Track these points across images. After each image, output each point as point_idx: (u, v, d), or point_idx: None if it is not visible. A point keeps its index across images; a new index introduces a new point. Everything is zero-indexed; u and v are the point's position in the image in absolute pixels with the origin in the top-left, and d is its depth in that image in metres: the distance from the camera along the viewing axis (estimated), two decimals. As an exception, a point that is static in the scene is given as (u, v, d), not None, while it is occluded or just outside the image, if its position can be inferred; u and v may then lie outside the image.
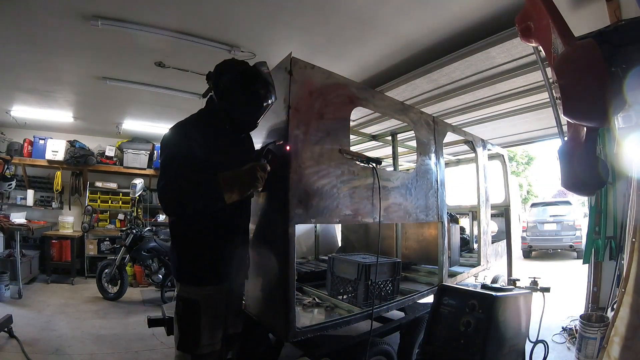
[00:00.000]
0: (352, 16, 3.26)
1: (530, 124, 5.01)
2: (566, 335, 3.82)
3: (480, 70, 3.77)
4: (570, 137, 2.14)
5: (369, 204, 2.21)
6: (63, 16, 3.20)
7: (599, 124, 1.85)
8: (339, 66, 3.78)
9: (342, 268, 2.73)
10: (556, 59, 1.86)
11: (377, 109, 2.63)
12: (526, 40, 2.42)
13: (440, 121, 3.14)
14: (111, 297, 5.58)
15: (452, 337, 2.17)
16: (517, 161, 20.00)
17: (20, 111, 6.03)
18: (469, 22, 3.25)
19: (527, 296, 2.47)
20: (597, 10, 2.69)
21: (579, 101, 1.70)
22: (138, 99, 5.35)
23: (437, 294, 2.47)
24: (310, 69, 1.98)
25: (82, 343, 3.74)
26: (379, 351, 2.61)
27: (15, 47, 3.78)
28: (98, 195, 7.50)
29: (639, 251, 2.01)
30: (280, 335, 1.83)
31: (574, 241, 9.13)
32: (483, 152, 3.83)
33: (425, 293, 2.88)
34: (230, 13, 3.22)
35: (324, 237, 5.08)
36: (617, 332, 1.98)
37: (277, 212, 1.88)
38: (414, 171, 2.73)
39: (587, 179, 2.09)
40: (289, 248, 1.79)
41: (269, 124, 2.05)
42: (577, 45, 1.75)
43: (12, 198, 6.84)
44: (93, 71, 4.45)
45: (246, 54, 3.85)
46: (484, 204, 3.74)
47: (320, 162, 1.96)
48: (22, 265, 5.53)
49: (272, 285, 1.91)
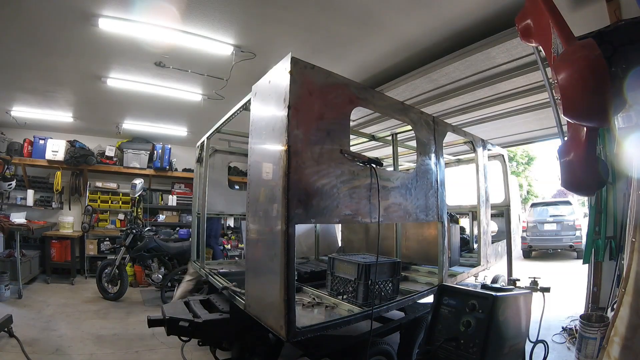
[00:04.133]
0: (352, 16, 3.26)
1: (530, 124, 5.01)
2: (566, 335, 3.82)
3: (480, 70, 3.77)
4: (570, 137, 2.14)
5: (369, 204, 2.20)
6: (63, 16, 3.21)
7: (599, 124, 1.85)
8: (339, 66, 3.78)
9: (342, 268, 2.73)
10: (556, 59, 1.86)
11: (377, 109, 2.62)
12: (526, 40, 2.42)
13: (440, 121, 3.13)
14: (111, 297, 5.58)
15: (452, 337, 2.17)
16: (517, 161, 19.98)
17: (20, 111, 6.04)
18: (469, 21, 3.25)
19: (527, 296, 2.47)
20: (597, 10, 2.69)
21: (579, 101, 1.70)
22: (138, 99, 5.36)
23: (437, 294, 2.47)
24: (310, 69, 1.97)
25: (82, 343, 3.74)
26: (379, 351, 2.62)
27: (15, 47, 3.78)
28: (98, 195, 7.51)
29: (639, 251, 2.01)
30: (280, 335, 1.83)
31: (574, 241, 9.13)
32: (483, 152, 3.83)
33: (425, 293, 2.87)
34: (231, 13, 3.22)
35: (324, 237, 5.09)
36: (617, 332, 1.98)
37: (277, 212, 1.88)
38: (414, 171, 2.72)
39: (587, 179, 2.09)
40: (289, 248, 1.79)
41: (270, 125, 2.05)
42: (577, 45, 1.75)
43: (12, 198, 6.84)
44: (93, 71, 4.46)
45: (246, 54, 3.86)
46: (484, 204, 3.74)
47: (320, 162, 1.96)
48: (22, 265, 5.54)
49: (272, 285, 1.91)
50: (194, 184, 4.70)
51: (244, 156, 4.66)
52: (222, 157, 4.69)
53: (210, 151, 4.01)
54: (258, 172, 2.15)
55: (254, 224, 2.19)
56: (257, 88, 2.30)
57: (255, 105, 2.31)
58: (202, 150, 3.93)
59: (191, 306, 2.78)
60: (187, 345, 2.96)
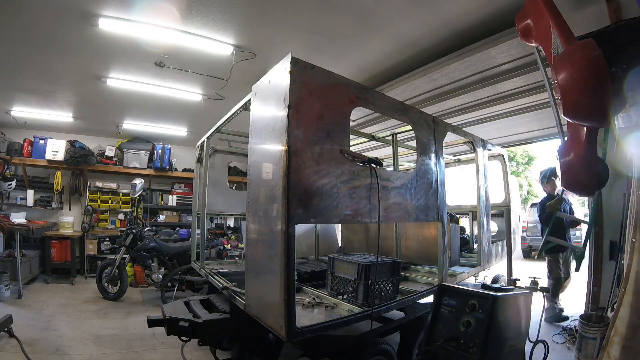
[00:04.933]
0: (352, 16, 3.26)
1: (530, 124, 5.01)
2: (566, 335, 3.82)
3: (480, 70, 3.77)
4: (570, 137, 2.14)
5: (369, 204, 2.20)
6: (63, 16, 3.20)
7: (599, 124, 1.85)
8: (339, 66, 3.78)
9: (342, 268, 2.73)
10: (556, 59, 1.86)
11: (377, 109, 2.62)
12: (526, 40, 2.42)
13: (440, 121, 3.13)
14: (111, 297, 5.58)
15: (452, 337, 2.17)
16: (517, 161, 19.97)
17: (20, 111, 6.04)
18: (469, 21, 3.25)
19: (527, 296, 2.47)
20: (597, 10, 2.69)
21: (579, 101, 1.70)
22: (138, 99, 5.36)
23: (437, 294, 2.47)
24: (310, 69, 1.97)
25: (82, 343, 3.74)
26: (379, 351, 2.61)
27: (15, 47, 3.78)
28: (98, 195, 7.51)
29: (639, 251, 2.01)
30: (280, 335, 1.83)
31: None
32: (483, 152, 3.83)
33: (425, 293, 2.87)
34: (231, 13, 3.22)
35: (324, 237, 5.08)
36: (617, 332, 1.98)
37: (277, 212, 1.88)
38: (414, 171, 2.72)
39: (587, 179, 2.09)
40: (289, 248, 1.79)
41: (270, 125, 2.05)
42: (577, 45, 1.75)
43: (12, 198, 6.84)
44: (93, 71, 4.46)
45: (246, 54, 3.86)
46: (484, 204, 3.74)
47: (320, 162, 1.96)
48: (22, 265, 5.54)
49: (272, 285, 1.91)
50: (194, 184, 4.70)
51: (244, 156, 4.65)
52: (222, 157, 4.69)
53: (210, 151, 4.01)
54: (258, 172, 2.15)
55: (254, 224, 2.19)
56: (257, 88, 2.30)
57: (255, 105, 2.31)
58: (202, 150, 3.93)
59: (191, 306, 2.78)
60: (187, 345, 2.96)
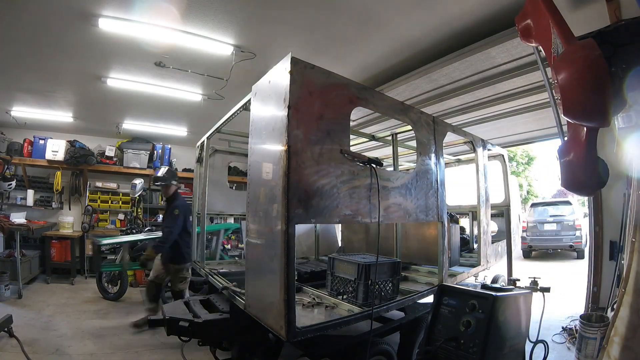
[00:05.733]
0: (352, 16, 3.26)
1: (530, 124, 5.01)
2: (566, 335, 3.82)
3: (480, 70, 3.76)
4: (570, 137, 2.14)
5: (369, 204, 2.20)
6: (63, 16, 3.20)
7: (599, 124, 1.85)
8: (339, 66, 3.77)
9: (342, 268, 2.73)
10: (556, 59, 1.86)
11: (377, 109, 2.62)
12: (526, 40, 2.42)
13: (440, 121, 3.13)
14: (111, 297, 5.58)
15: (452, 337, 2.17)
16: (517, 161, 19.99)
17: (20, 111, 6.03)
18: (469, 21, 3.25)
19: (527, 296, 2.47)
20: (597, 10, 2.68)
21: (579, 101, 1.69)
22: (138, 99, 5.36)
23: (437, 294, 2.47)
24: (310, 69, 1.97)
25: (82, 343, 3.74)
26: (379, 351, 2.61)
27: (15, 47, 3.78)
28: (98, 195, 7.51)
29: (639, 251, 2.00)
30: (280, 335, 1.83)
31: (574, 241, 9.13)
32: (483, 152, 3.83)
33: (425, 293, 2.87)
34: (231, 13, 3.22)
35: (324, 237, 5.09)
36: (617, 332, 1.98)
37: (277, 212, 1.88)
38: (414, 171, 2.72)
39: (587, 179, 2.09)
40: (289, 248, 1.79)
41: (270, 125, 2.05)
42: (577, 45, 1.75)
43: (12, 198, 6.84)
44: (93, 71, 4.46)
45: (246, 54, 3.85)
46: (484, 204, 3.74)
47: (320, 162, 1.96)
48: (22, 265, 5.54)
49: (272, 285, 1.91)
50: (194, 184, 4.70)
51: (244, 156, 4.66)
52: (222, 157, 4.69)
53: (210, 151, 4.01)
54: (258, 172, 2.15)
55: (254, 224, 2.19)
56: (257, 88, 2.30)
57: (255, 105, 2.31)
58: (202, 150, 3.94)
59: (191, 306, 2.78)
60: (187, 345, 2.96)
